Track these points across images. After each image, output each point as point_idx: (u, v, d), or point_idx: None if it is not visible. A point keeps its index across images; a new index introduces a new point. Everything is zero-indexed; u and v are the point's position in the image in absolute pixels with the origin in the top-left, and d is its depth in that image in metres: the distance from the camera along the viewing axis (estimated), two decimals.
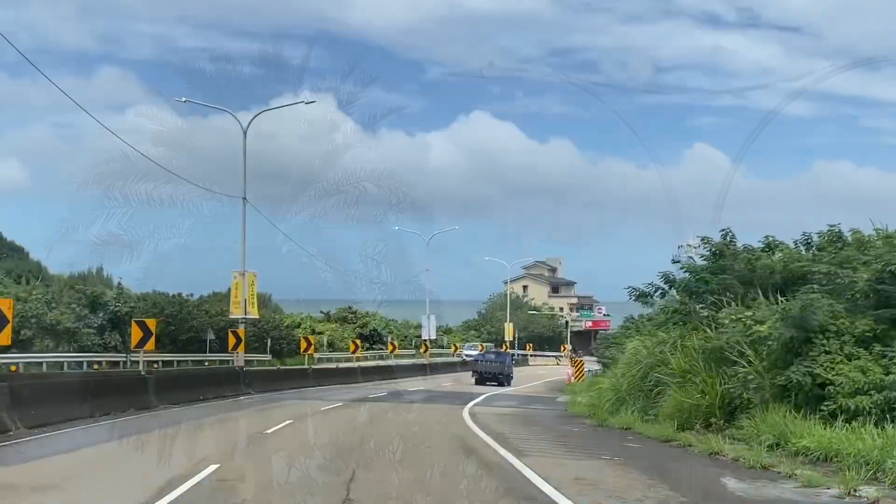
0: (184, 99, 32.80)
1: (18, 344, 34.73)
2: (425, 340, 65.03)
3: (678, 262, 69.79)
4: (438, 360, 78.01)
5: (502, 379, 48.25)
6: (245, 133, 32.76)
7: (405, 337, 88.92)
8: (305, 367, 40.12)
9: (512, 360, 55.27)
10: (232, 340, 31.74)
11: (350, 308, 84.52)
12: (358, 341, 49.96)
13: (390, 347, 55.09)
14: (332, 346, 74.93)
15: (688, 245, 65.94)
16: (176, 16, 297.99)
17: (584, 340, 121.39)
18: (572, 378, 47.80)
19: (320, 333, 75.01)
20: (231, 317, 33.54)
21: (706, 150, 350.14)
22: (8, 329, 16.92)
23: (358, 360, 59.82)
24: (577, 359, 48.70)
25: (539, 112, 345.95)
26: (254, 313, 33.68)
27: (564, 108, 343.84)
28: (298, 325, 76.24)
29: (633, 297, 23.76)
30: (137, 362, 51.01)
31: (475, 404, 29.58)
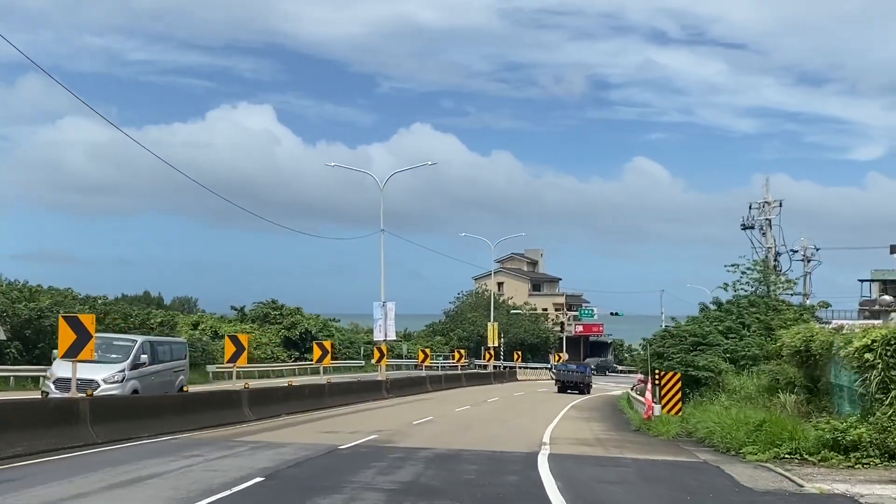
0: None
1: None
2: (380, 344, 41.69)
3: (751, 227, 45.38)
4: (400, 374, 54.65)
5: (583, 387, 48.89)
6: None
7: (351, 343, 65.50)
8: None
9: (591, 371, 55.10)
10: None
11: (274, 302, 60.90)
12: (244, 338, 26.50)
13: (316, 354, 31.65)
14: None
15: (763, 203, 43.01)
16: (124, 28, 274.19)
17: (574, 347, 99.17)
18: (655, 408, 24.87)
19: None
20: None
21: (646, 164, 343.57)
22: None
23: (243, 377, 36.70)
24: (665, 373, 25.76)
25: (483, 125, 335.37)
26: None
27: (510, 122, 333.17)
28: (196, 326, 52.41)
29: None
30: None
31: None
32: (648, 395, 25.03)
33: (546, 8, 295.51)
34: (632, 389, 42.99)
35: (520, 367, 70.47)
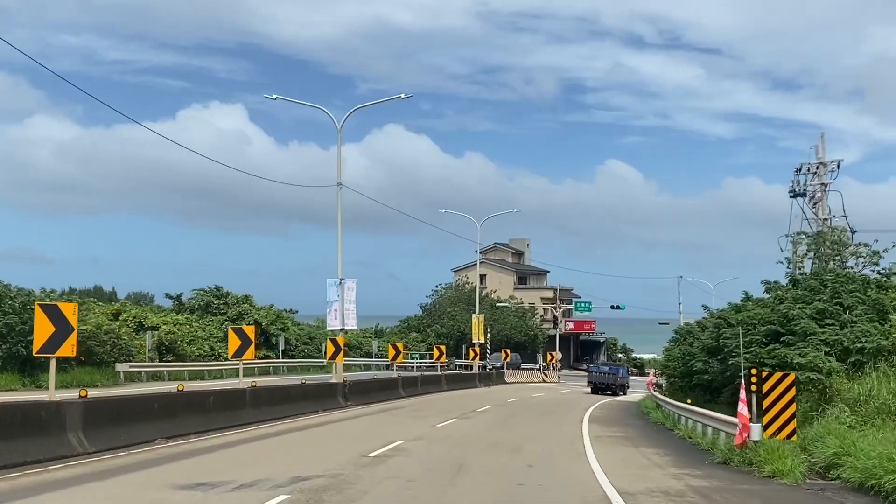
0: None
1: None
2: (336, 335, 32.31)
3: (802, 195, 37.21)
4: (365, 375, 45.29)
5: (616, 389, 46.73)
6: None
7: (311, 338, 56.01)
8: None
9: (627, 371, 51.86)
10: None
11: (218, 290, 51.28)
12: (67, 308, 16.28)
13: (233, 345, 21.80)
14: (172, 351, 41.93)
15: (819, 164, 34.42)
16: (98, 27, 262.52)
17: (563, 346, 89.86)
18: (753, 429, 15.47)
19: (153, 328, 41.69)
20: None
21: (619, 167, 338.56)
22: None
23: (170, 378, 27.22)
24: (769, 374, 16.54)
25: (458, 127, 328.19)
26: None
27: (487, 124, 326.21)
28: (117, 317, 42.75)
29: None
30: None
31: None
32: (743, 408, 15.75)
33: (522, 11, 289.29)
34: (659, 392, 34.06)
35: (508, 368, 61.15)
